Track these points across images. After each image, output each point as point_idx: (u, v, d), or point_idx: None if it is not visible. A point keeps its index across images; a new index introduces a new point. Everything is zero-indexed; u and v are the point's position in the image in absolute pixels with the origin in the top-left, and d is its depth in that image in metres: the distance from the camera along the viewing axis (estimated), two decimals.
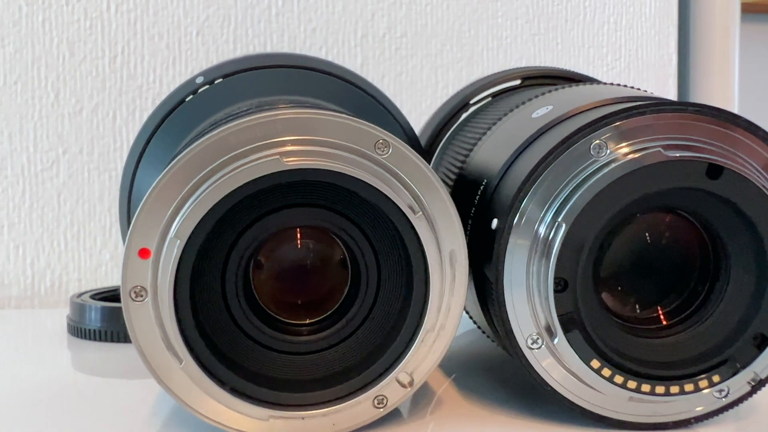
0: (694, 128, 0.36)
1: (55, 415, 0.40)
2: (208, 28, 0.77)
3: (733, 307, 0.37)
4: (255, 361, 0.36)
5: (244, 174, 0.32)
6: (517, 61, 0.84)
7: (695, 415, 0.38)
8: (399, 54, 0.82)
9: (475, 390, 0.44)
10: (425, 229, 0.35)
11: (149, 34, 0.76)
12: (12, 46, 0.73)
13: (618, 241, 0.38)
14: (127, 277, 0.33)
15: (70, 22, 0.74)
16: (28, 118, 0.74)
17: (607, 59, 0.86)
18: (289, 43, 0.79)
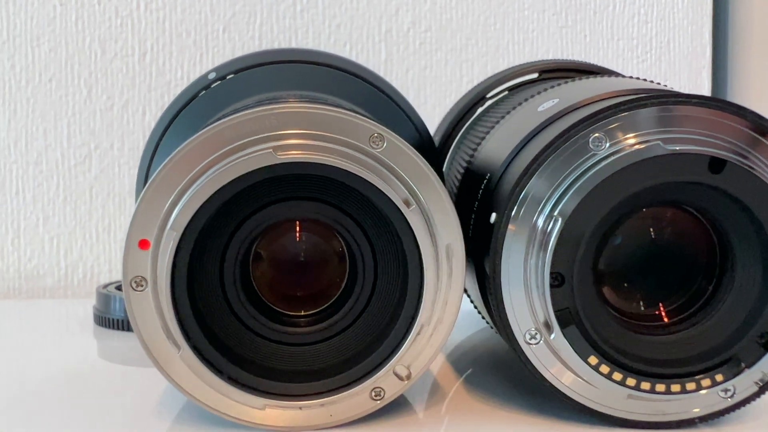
0: (698, 121, 0.35)
1: (79, 399, 0.41)
2: (234, 24, 0.78)
3: (739, 305, 0.36)
4: (252, 350, 0.37)
5: (237, 167, 0.33)
6: (543, 55, 0.83)
7: (700, 415, 0.37)
8: (423, 48, 0.82)
9: (486, 385, 0.44)
10: (419, 223, 0.35)
11: (177, 32, 0.77)
12: (47, 45, 0.76)
13: (619, 236, 0.38)
14: (127, 267, 0.34)
15: (102, 21, 0.76)
16: (61, 114, 0.76)
17: (637, 51, 0.85)
18: (314, 39, 0.79)
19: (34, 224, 0.76)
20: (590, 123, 0.35)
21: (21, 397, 0.42)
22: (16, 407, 0.41)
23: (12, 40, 0.75)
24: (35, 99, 0.75)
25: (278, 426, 0.37)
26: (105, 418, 0.39)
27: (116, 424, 0.38)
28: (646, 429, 0.37)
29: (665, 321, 0.37)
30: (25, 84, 0.75)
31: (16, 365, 0.50)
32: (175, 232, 0.33)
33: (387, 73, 0.81)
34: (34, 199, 0.76)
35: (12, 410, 0.40)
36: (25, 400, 0.42)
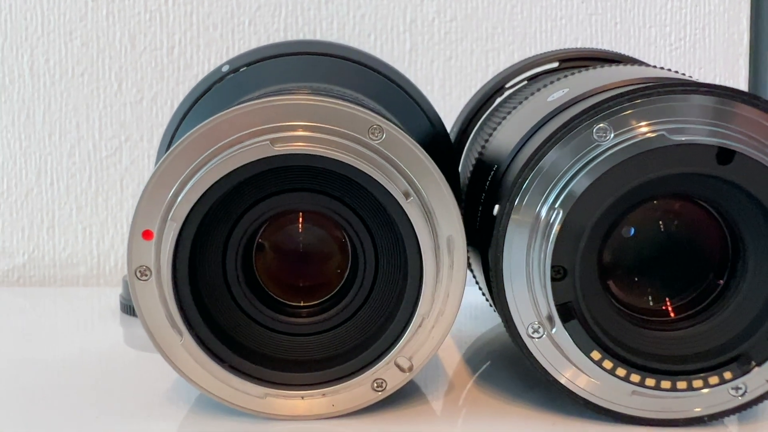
0: (707, 111, 0.34)
1: (99, 383, 0.43)
2: (260, 17, 0.79)
3: (750, 302, 0.35)
4: (254, 340, 0.37)
5: (234, 160, 0.34)
6: (572, 43, 0.82)
7: (709, 413, 0.36)
8: (449, 38, 0.81)
9: (500, 379, 0.44)
10: (417, 215, 0.35)
11: (204, 25, 0.78)
12: (79, 40, 0.77)
13: (624, 229, 0.37)
14: (132, 257, 0.35)
15: (131, 15, 0.78)
16: (93, 107, 0.78)
17: (671, 39, 0.82)
18: (338, 30, 0.80)
19: (68, 214, 0.78)
20: (594, 113, 0.35)
21: (47, 379, 0.43)
22: (42, 388, 0.42)
23: (46, 36, 0.77)
24: (68, 93, 0.77)
25: (280, 415, 0.37)
26: (123, 401, 0.40)
27: (133, 406, 0.39)
28: (652, 426, 0.37)
29: (672, 316, 0.36)
30: (58, 78, 0.77)
31: (46, 349, 0.51)
32: (175, 223, 0.34)
33: (411, 64, 0.81)
34: (67, 190, 0.78)
35: (38, 391, 0.41)
36: (50, 382, 0.43)
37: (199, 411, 0.38)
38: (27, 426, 0.37)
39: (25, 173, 0.77)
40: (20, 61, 0.76)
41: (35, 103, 0.77)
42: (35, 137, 0.77)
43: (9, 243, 0.77)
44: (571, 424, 0.37)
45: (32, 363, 0.47)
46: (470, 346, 0.52)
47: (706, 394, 0.36)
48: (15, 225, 0.77)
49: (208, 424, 0.37)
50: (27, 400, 0.40)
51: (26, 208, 0.77)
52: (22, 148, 0.77)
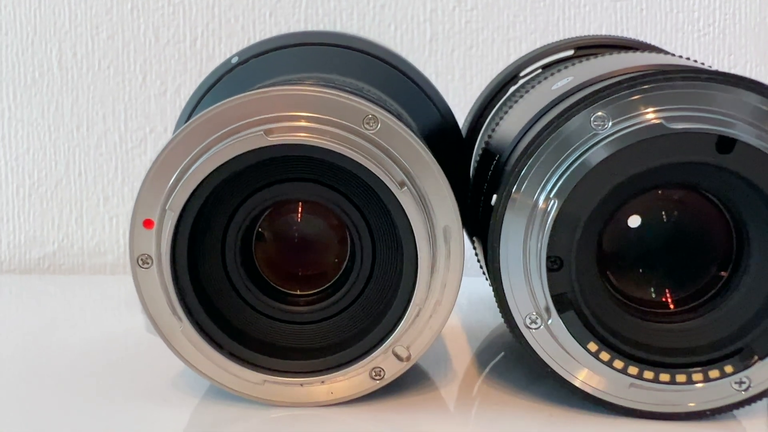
0: (708, 98, 0.33)
1: (124, 369, 0.44)
2: (280, 8, 0.80)
3: (753, 295, 0.34)
4: (253, 327, 0.38)
5: (228, 150, 0.34)
6: (596, 31, 0.80)
7: (712, 407, 0.36)
8: (469, 27, 0.80)
9: (513, 372, 0.44)
10: (411, 204, 0.35)
11: (226, 17, 0.79)
12: (105, 33, 0.79)
13: (623, 220, 0.36)
14: (133, 245, 0.36)
15: (155, 9, 0.79)
16: (119, 99, 0.80)
17: (698, 24, 0.80)
18: (359, 20, 0.80)
19: (95, 204, 0.80)
20: (590, 102, 0.34)
21: (71, 363, 0.45)
22: (66, 372, 0.43)
23: (74, 29, 0.79)
24: (95, 85, 0.79)
25: (279, 401, 0.38)
26: (142, 385, 0.41)
27: (151, 391, 0.40)
28: (652, 419, 0.36)
29: (672, 308, 0.36)
30: (85, 71, 0.79)
31: (73, 334, 0.53)
32: (173, 212, 0.35)
33: (432, 53, 0.80)
34: (95, 181, 0.80)
35: (62, 374, 0.43)
36: (75, 365, 0.44)
37: (213, 397, 0.38)
38: (47, 407, 0.39)
39: (55, 164, 0.80)
40: (49, 55, 0.78)
41: (63, 96, 0.79)
42: (64, 129, 0.79)
43: (40, 232, 0.80)
44: (568, 416, 0.37)
45: (59, 347, 0.48)
46: (486, 337, 0.52)
47: (707, 388, 0.35)
48: (45, 215, 0.80)
49: (222, 411, 0.37)
50: (51, 383, 0.42)
51: (56, 199, 0.80)
52: (51, 140, 0.79)
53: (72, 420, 0.37)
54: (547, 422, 0.37)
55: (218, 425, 0.37)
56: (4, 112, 0.78)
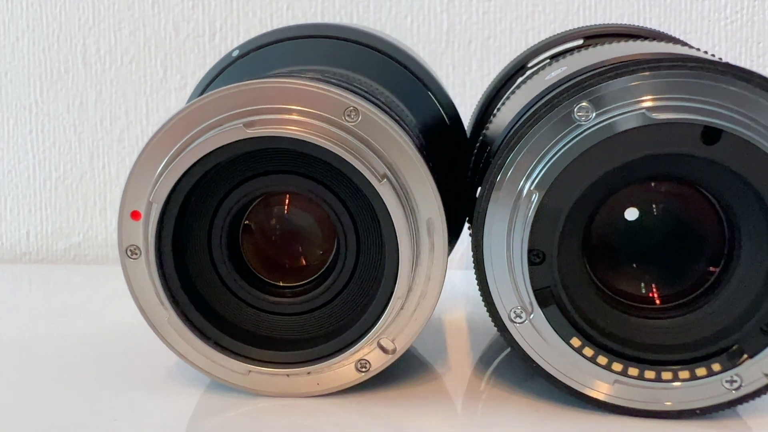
0: (696, 87, 0.32)
1: (143, 357, 0.45)
2: (297, 2, 0.80)
3: (743, 292, 0.33)
4: (240, 318, 0.38)
5: (208, 143, 0.34)
6: (618, 19, 0.78)
7: (702, 406, 0.35)
8: (487, 18, 0.79)
9: (509, 369, 0.43)
10: (391, 197, 0.35)
11: (244, 11, 0.80)
12: (127, 29, 0.81)
13: (608, 212, 0.35)
14: (122, 236, 0.37)
15: (175, 4, 0.80)
16: (141, 94, 0.81)
17: (725, 12, 0.77)
18: (375, 13, 0.79)
19: (119, 196, 0.82)
20: (573, 93, 0.33)
21: (91, 349, 0.46)
22: (83, 358, 0.45)
23: (97, 25, 0.81)
24: (117, 80, 0.81)
25: (266, 391, 0.38)
26: (140, 374, 0.42)
27: (161, 379, 0.41)
28: (639, 417, 0.35)
29: (658, 304, 0.35)
30: (108, 66, 0.81)
31: (95, 322, 0.54)
32: (156, 204, 0.35)
33: (449, 45, 0.80)
34: (117, 173, 0.82)
35: (79, 360, 0.44)
36: (95, 351, 0.46)
37: (207, 386, 0.39)
38: (56, 390, 0.40)
39: (79, 157, 0.82)
40: (74, 50, 0.80)
41: (87, 90, 0.81)
42: (88, 123, 0.81)
43: (66, 224, 0.82)
44: (556, 413, 0.36)
45: (80, 335, 0.50)
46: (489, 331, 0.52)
47: (695, 387, 0.34)
48: (71, 207, 0.82)
49: (211, 400, 0.38)
50: (65, 368, 0.43)
51: (81, 191, 0.82)
52: (76, 134, 0.81)
53: (69, 404, 0.38)
54: (535, 418, 0.36)
55: (204, 413, 0.37)
56: (32, 107, 0.81)
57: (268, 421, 0.37)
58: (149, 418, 0.37)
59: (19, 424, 0.36)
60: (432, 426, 0.37)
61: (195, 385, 0.40)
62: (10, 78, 0.80)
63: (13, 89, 0.80)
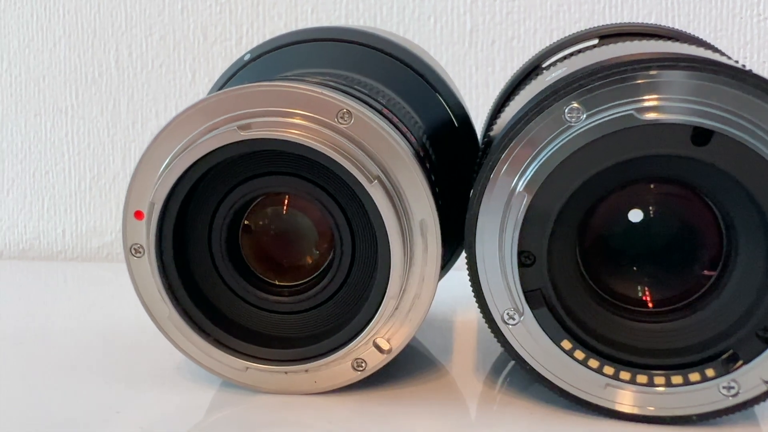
0: (688, 88, 0.32)
1: (154, 353, 0.46)
2: (322, 5, 0.81)
3: (739, 295, 0.33)
4: (240, 316, 0.39)
5: (204, 146, 0.35)
6: (644, 18, 0.77)
7: (698, 413, 0.34)
8: (510, 18, 0.79)
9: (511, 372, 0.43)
10: (382, 198, 0.35)
11: (269, 15, 0.82)
12: (157, 34, 0.83)
13: (604, 215, 0.35)
14: (126, 235, 0.38)
15: (203, 8, 0.82)
16: (170, 97, 0.84)
17: (758, 8, 0.75)
18: (398, 14, 0.80)
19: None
20: (564, 94, 0.33)
21: (119, 346, 0.48)
22: (107, 354, 0.47)
23: (129, 31, 0.83)
24: (148, 84, 0.83)
25: (265, 388, 0.39)
26: (150, 368, 0.43)
27: (154, 373, 0.42)
28: (634, 422, 0.35)
29: (651, 308, 0.34)
30: (140, 70, 0.83)
31: (123, 318, 0.56)
32: (156, 204, 0.36)
33: (472, 45, 0.79)
34: None
35: (97, 351, 0.46)
36: (122, 343, 0.48)
37: (211, 383, 0.40)
38: (67, 381, 0.41)
39: (113, 159, 0.84)
40: (107, 55, 0.83)
41: (120, 94, 0.83)
42: (120, 125, 0.84)
43: (99, 223, 0.85)
44: (552, 415, 0.36)
45: (103, 329, 0.51)
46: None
47: (690, 392, 0.33)
48: (104, 207, 0.85)
49: (214, 395, 0.39)
50: (82, 360, 0.44)
51: (113, 191, 0.84)
52: (109, 136, 0.84)
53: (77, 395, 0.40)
54: (530, 420, 0.36)
55: (203, 408, 0.38)
56: (67, 110, 0.84)
57: (267, 417, 0.37)
58: (150, 411, 0.38)
59: (24, 412, 0.38)
60: (426, 426, 0.37)
61: (199, 380, 0.41)
62: (47, 82, 0.83)
63: (50, 93, 0.83)
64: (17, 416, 0.38)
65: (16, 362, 0.45)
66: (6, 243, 0.85)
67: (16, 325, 0.53)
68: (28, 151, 0.84)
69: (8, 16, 0.83)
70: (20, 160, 0.84)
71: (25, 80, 0.83)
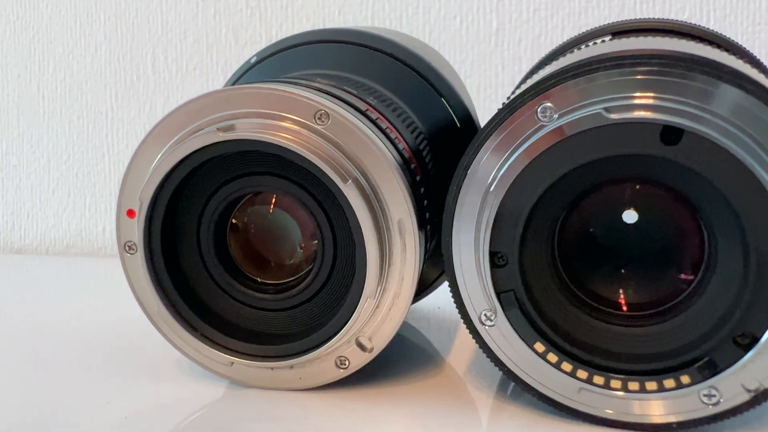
0: (663, 86, 0.31)
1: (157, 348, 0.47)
2: (348, 6, 0.82)
3: (717, 300, 0.31)
4: (228, 312, 0.40)
5: (186, 146, 0.36)
6: (677, 13, 0.74)
7: (679, 420, 0.33)
8: (538, 15, 0.78)
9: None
10: (356, 198, 0.35)
11: (298, 17, 0.83)
12: (192, 38, 0.86)
13: (579, 216, 0.34)
14: (120, 233, 0.40)
15: (235, 12, 0.84)
16: None
17: None
18: (424, 15, 0.80)
19: None
20: (536, 93, 0.33)
21: (139, 338, 0.48)
22: (115, 342, 0.48)
23: (165, 35, 0.86)
24: (183, 86, 0.86)
25: (252, 383, 0.40)
26: (160, 361, 0.44)
27: (158, 365, 0.44)
28: (614, 428, 0.34)
29: (625, 311, 0.33)
30: (175, 73, 0.86)
31: (121, 312, 0.58)
32: (143, 203, 0.38)
33: (498, 44, 0.79)
34: None
35: (106, 344, 0.48)
36: (142, 338, 0.47)
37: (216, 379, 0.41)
38: (71, 372, 0.43)
39: None
40: (144, 59, 0.86)
41: (156, 96, 0.86)
42: None
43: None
44: (530, 417, 0.36)
45: (135, 324, 0.52)
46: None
47: (670, 399, 0.32)
48: None
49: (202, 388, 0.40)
50: (91, 352, 0.46)
51: None
52: None
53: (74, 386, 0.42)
54: (508, 422, 0.36)
55: (189, 401, 0.40)
56: (108, 113, 0.87)
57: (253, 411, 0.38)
58: (140, 403, 0.39)
59: (22, 402, 0.40)
60: (400, 425, 0.37)
61: (194, 374, 0.42)
62: (89, 86, 0.87)
63: (92, 96, 0.87)
64: (26, 401, 0.40)
65: (45, 353, 0.47)
66: (51, 240, 0.89)
67: (56, 318, 0.55)
68: (71, 152, 0.88)
69: (54, 23, 0.87)
70: (64, 160, 0.88)
71: (68, 84, 0.87)
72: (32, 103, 0.88)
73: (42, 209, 0.89)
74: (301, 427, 0.36)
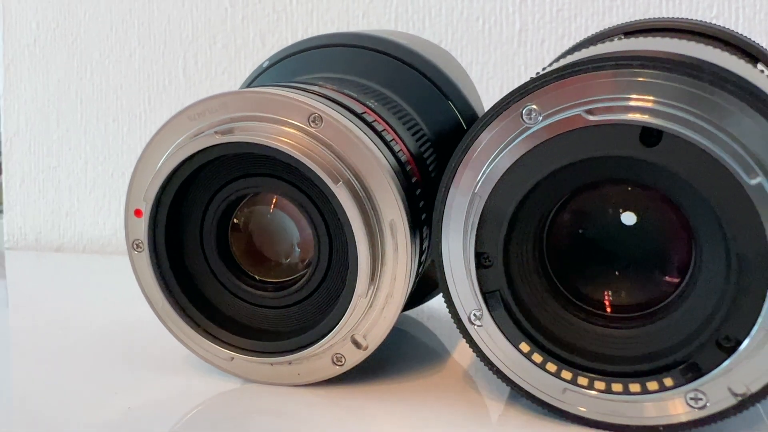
0: (640, 86, 0.30)
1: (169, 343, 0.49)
2: (372, 9, 0.83)
3: (701, 303, 0.31)
4: (229, 309, 0.41)
5: (186, 149, 0.38)
6: (703, 12, 0.73)
7: (665, 423, 0.33)
8: (561, 16, 0.77)
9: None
10: (347, 199, 0.36)
11: (323, 21, 0.84)
12: (221, 42, 0.88)
13: (565, 217, 0.34)
14: (128, 232, 0.41)
15: (262, 17, 0.86)
16: None
17: None
18: (446, 17, 0.80)
19: None
20: (521, 94, 0.33)
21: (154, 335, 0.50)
22: (130, 338, 0.50)
23: (195, 40, 0.88)
24: (212, 90, 0.88)
25: (252, 378, 0.41)
26: (169, 356, 0.46)
27: (165, 358, 0.45)
28: (601, 429, 0.34)
29: (609, 312, 0.33)
30: (205, 77, 0.88)
31: (130, 310, 0.60)
32: (147, 203, 0.39)
33: (521, 45, 0.78)
34: None
35: (123, 340, 0.50)
36: (132, 336, 0.51)
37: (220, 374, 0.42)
38: (79, 365, 0.45)
39: None
40: (176, 64, 0.88)
41: (188, 99, 0.89)
42: None
43: None
44: (519, 418, 0.36)
45: (139, 319, 0.55)
46: None
47: (655, 402, 0.32)
48: None
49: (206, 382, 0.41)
50: (107, 348, 0.48)
51: None
52: None
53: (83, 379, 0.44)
54: (497, 422, 0.36)
55: (191, 395, 0.41)
56: (141, 116, 0.90)
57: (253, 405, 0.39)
58: (145, 394, 0.41)
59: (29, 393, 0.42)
60: (400, 424, 0.38)
61: (201, 369, 0.43)
62: (124, 90, 0.90)
63: (126, 100, 0.90)
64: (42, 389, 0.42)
65: (73, 345, 0.49)
66: (89, 239, 0.92)
67: (88, 311, 0.57)
68: (107, 153, 0.91)
69: (91, 30, 0.90)
70: (101, 162, 0.92)
71: (105, 89, 0.90)
72: (71, 107, 0.91)
73: (80, 209, 0.92)
74: (299, 422, 0.37)
